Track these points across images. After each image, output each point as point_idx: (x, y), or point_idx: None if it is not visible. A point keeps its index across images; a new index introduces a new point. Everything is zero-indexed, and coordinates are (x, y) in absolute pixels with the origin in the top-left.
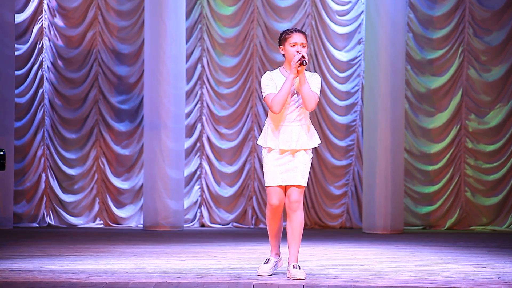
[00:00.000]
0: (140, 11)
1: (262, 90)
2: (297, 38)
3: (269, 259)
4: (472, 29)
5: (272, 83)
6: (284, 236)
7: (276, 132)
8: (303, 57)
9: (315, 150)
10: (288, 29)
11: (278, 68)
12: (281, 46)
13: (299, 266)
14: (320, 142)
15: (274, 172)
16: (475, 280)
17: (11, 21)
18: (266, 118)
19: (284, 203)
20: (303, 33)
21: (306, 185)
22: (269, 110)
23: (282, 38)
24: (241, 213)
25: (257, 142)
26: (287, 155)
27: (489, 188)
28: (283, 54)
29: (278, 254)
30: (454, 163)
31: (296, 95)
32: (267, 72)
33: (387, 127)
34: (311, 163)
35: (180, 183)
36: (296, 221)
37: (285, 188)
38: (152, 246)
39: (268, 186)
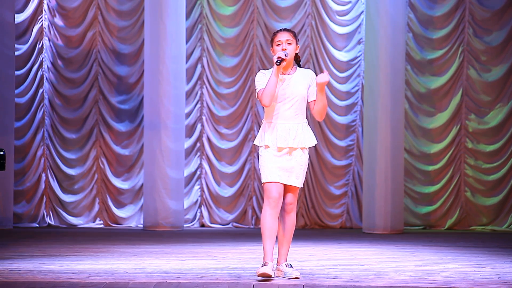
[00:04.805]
0: (140, 11)
1: (255, 88)
2: (281, 36)
3: (266, 262)
4: (472, 29)
5: (265, 79)
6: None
7: (274, 130)
8: (278, 57)
9: (316, 150)
10: (275, 31)
11: (273, 67)
12: (271, 48)
13: (291, 265)
14: (316, 142)
15: (272, 168)
16: (475, 280)
17: (11, 21)
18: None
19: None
20: (289, 31)
21: (301, 186)
22: (263, 106)
23: (271, 40)
24: (241, 213)
25: (253, 143)
26: (285, 154)
27: (489, 188)
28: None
29: (272, 260)
30: (454, 163)
31: (292, 93)
32: (261, 70)
33: (387, 127)
34: (311, 163)
35: (180, 183)
36: (289, 223)
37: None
38: (152, 246)
39: (266, 182)
